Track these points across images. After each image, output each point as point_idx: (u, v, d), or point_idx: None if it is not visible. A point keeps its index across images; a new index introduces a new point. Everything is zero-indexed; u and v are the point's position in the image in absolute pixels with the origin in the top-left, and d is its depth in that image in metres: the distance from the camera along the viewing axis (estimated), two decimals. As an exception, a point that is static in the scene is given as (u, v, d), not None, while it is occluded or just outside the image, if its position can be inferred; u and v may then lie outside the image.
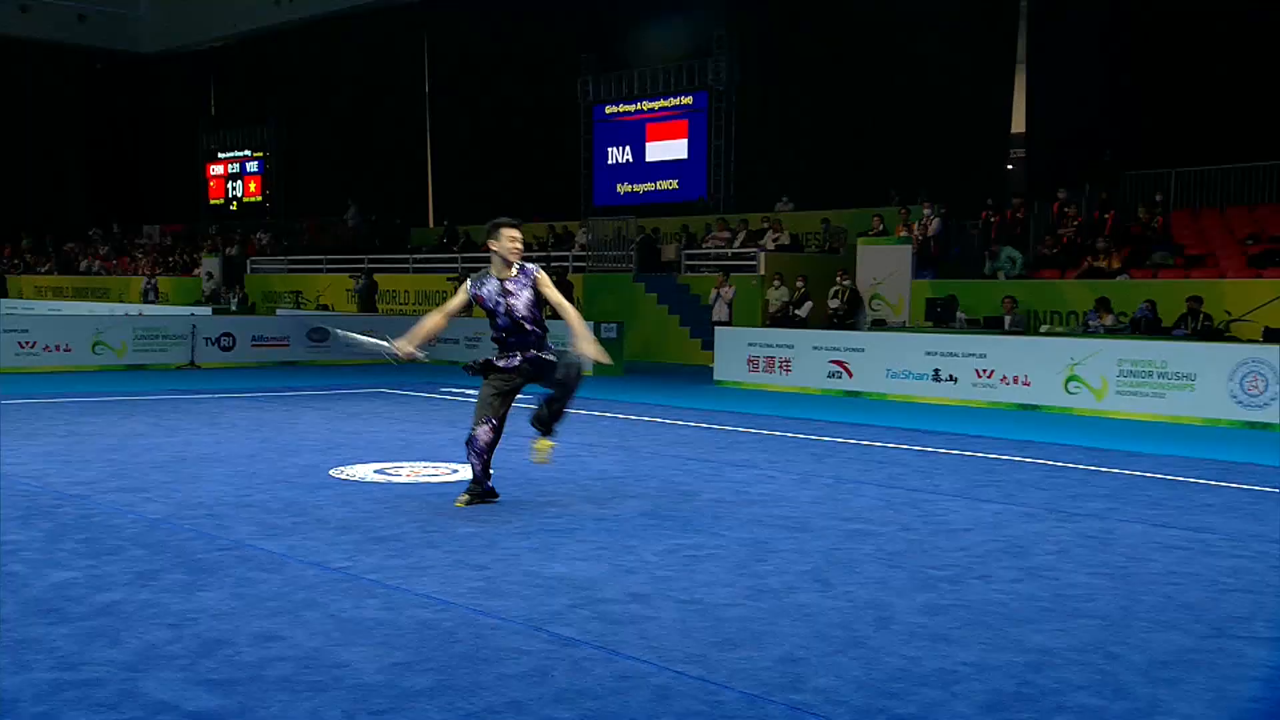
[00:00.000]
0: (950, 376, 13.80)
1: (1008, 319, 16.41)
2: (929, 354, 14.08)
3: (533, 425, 6.76)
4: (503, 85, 29.12)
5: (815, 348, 15.18)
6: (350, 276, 24.51)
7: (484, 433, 6.64)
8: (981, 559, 5.76)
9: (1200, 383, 11.86)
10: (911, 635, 4.50)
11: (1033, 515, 6.90)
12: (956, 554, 5.87)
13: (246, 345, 18.10)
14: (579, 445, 9.56)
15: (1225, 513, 7.05)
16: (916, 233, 19.12)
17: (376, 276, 25.20)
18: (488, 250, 6.71)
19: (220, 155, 38.43)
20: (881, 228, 19.65)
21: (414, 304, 25.69)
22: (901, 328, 17.31)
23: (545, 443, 6.73)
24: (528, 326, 6.61)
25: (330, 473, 7.95)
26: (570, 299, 21.91)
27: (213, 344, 17.83)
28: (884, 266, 18.80)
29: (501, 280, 6.61)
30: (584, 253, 23.57)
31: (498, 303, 6.59)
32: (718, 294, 19.44)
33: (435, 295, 25.03)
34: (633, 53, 27.35)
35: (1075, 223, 18.13)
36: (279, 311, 23.05)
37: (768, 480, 8.06)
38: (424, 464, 8.38)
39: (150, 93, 39.70)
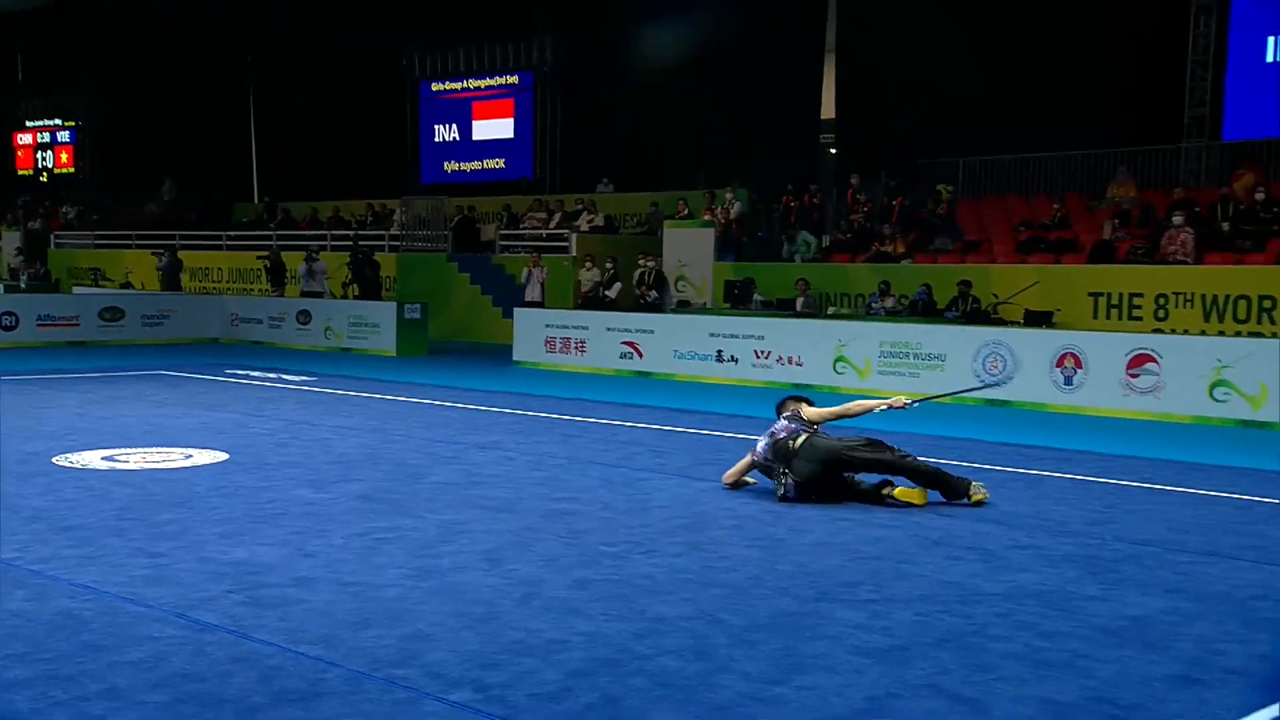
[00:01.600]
0: (731, 357, 14.34)
1: (800, 301, 17.08)
2: (713, 335, 14.59)
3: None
4: (329, 59, 28.50)
5: (609, 329, 15.54)
6: (153, 254, 23.73)
7: None
8: (658, 535, 6.11)
9: (949, 363, 12.66)
10: (546, 609, 4.78)
11: (735, 493, 7.32)
12: (638, 530, 6.21)
13: (31, 325, 17.37)
14: (333, 429, 9.62)
15: (911, 487, 7.59)
16: (719, 216, 19.67)
17: (190, 254, 24.44)
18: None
19: (29, 124, 36.45)
20: (687, 211, 20.13)
21: (228, 282, 25.03)
22: (703, 309, 17.82)
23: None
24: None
25: (53, 460, 7.81)
26: (378, 280, 21.67)
27: (-7, 324, 17.08)
28: (689, 249, 19.30)
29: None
30: (400, 232, 23.38)
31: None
32: (530, 275, 19.59)
33: (249, 273, 24.45)
34: (459, 30, 27.14)
35: (865, 209, 18.97)
36: (76, 289, 22.14)
37: (505, 462, 8.29)
38: (159, 450, 8.31)
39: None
